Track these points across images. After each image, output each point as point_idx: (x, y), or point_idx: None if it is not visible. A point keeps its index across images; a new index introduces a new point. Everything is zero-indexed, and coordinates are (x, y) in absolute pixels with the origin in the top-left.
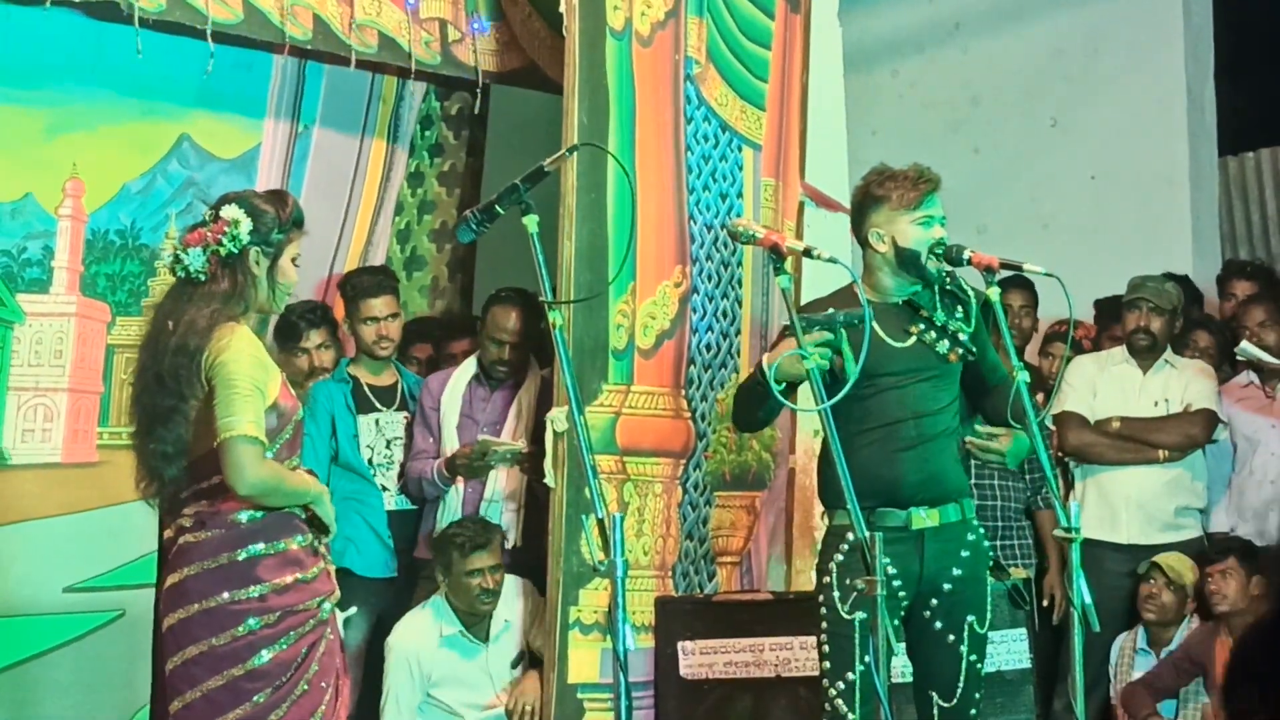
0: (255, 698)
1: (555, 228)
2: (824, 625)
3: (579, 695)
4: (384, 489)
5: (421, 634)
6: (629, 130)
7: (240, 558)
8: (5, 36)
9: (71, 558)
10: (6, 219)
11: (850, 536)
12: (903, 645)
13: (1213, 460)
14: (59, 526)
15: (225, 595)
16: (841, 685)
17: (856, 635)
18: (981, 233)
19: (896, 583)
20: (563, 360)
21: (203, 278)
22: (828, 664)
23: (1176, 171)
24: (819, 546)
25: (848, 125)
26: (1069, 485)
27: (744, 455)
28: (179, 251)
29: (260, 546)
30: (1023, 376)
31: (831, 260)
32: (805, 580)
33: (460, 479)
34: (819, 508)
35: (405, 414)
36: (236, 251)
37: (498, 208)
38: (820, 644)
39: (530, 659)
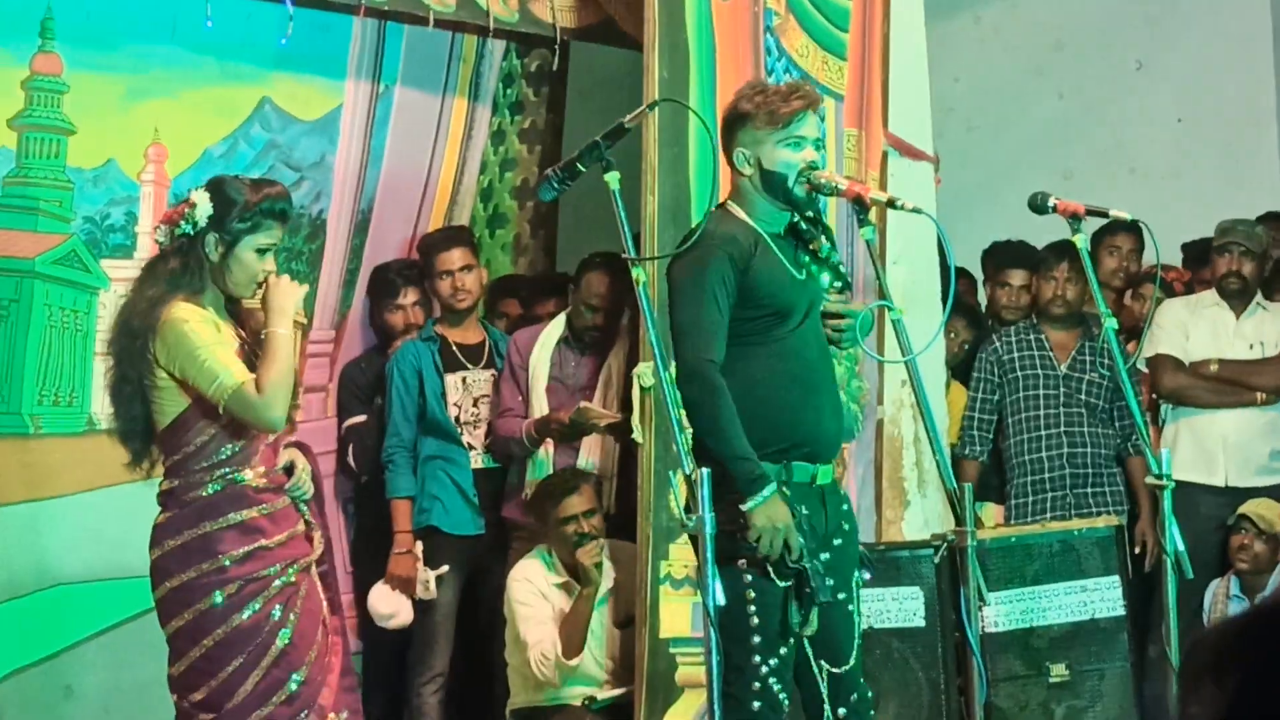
0: (232, 664)
1: (638, 184)
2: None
3: (671, 650)
4: (470, 447)
5: (537, 574)
6: (710, 84)
7: (198, 534)
8: (82, 4)
9: None
10: (89, 185)
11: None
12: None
13: None
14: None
15: (190, 573)
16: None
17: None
18: (1068, 178)
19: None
20: (647, 316)
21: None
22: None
23: (1264, 111)
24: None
25: (930, 73)
26: (1159, 429)
27: None
28: (157, 226)
29: (214, 522)
30: (1111, 324)
31: (916, 210)
32: (895, 531)
33: (550, 442)
34: (910, 456)
35: (492, 372)
36: (191, 234)
37: (579, 165)
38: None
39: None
